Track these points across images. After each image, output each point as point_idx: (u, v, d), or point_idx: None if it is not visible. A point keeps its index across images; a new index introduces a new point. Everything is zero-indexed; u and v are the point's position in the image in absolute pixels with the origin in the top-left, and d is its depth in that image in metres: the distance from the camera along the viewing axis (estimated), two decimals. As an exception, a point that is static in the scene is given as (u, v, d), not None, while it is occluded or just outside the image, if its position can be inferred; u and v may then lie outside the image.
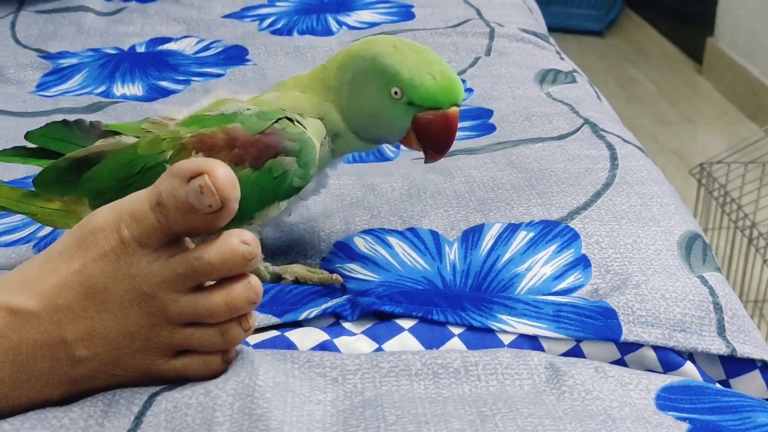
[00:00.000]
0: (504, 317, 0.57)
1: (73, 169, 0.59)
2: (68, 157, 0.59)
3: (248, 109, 0.59)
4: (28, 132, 0.62)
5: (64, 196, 0.60)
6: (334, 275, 0.61)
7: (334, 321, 0.58)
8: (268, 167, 0.57)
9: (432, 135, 0.57)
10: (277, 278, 0.62)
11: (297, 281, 0.61)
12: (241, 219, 0.57)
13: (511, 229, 0.66)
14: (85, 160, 0.59)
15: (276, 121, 0.58)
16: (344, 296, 0.59)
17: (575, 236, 0.65)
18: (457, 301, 0.58)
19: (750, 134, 2.24)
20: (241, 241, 0.48)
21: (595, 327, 0.57)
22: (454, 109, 0.56)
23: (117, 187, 0.58)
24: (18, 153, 0.63)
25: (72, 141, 0.62)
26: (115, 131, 0.61)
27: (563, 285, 0.61)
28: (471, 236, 0.65)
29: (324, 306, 0.58)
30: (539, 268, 0.62)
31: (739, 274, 1.62)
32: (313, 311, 0.57)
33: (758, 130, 2.28)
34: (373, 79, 0.57)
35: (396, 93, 0.56)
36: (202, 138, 0.58)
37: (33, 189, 0.61)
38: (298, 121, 0.58)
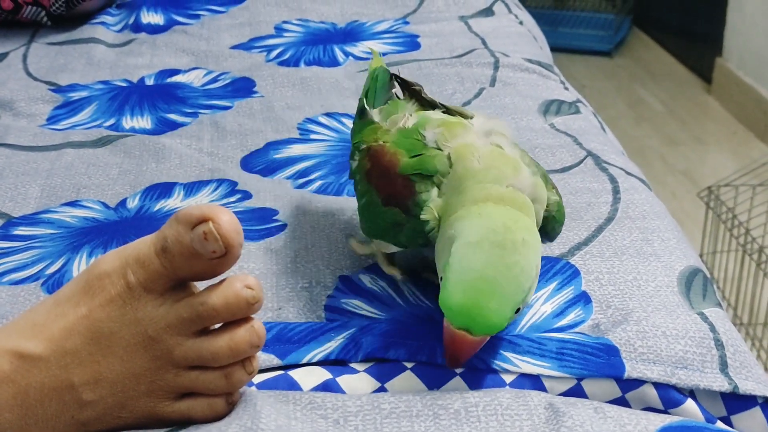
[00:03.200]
0: (508, 354, 0.58)
1: (360, 113, 0.68)
2: (360, 104, 0.69)
3: (433, 152, 0.58)
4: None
5: None
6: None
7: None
8: (387, 210, 0.59)
9: (445, 340, 0.53)
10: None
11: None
12: (367, 232, 0.62)
13: (513, 266, 0.66)
14: (363, 110, 0.68)
15: (419, 177, 0.57)
16: (347, 334, 0.60)
17: (576, 273, 0.66)
18: None
19: (759, 155, 2.25)
20: (244, 286, 0.49)
21: (598, 364, 0.58)
22: (463, 334, 0.51)
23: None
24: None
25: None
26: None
27: (564, 322, 0.61)
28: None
29: (327, 350, 0.58)
30: (540, 306, 0.63)
31: (748, 296, 1.62)
32: (316, 355, 0.58)
33: None
34: (447, 252, 0.53)
35: (440, 279, 0.53)
36: (378, 150, 0.61)
37: None
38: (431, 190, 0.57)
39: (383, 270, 0.65)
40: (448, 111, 0.65)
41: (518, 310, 0.52)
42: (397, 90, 0.71)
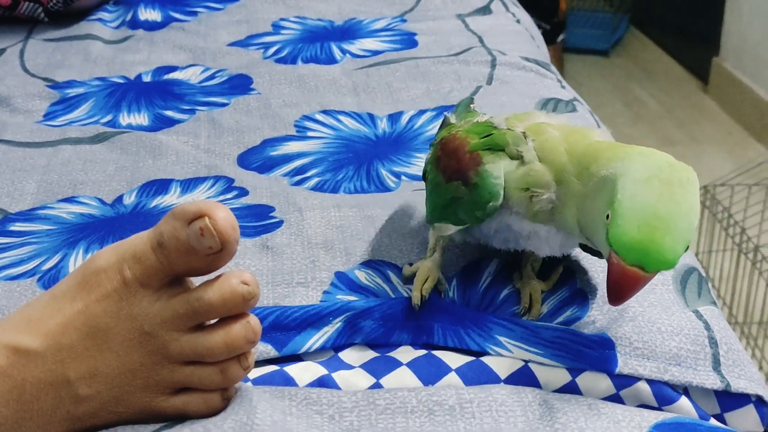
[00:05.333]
0: (502, 339, 0.58)
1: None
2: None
3: (500, 131, 0.59)
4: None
5: None
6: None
7: (332, 354, 0.59)
8: (448, 185, 0.59)
9: (612, 279, 0.51)
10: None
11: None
12: (430, 218, 0.62)
13: (509, 267, 0.67)
14: None
15: (489, 151, 0.58)
16: (344, 317, 0.60)
17: (571, 272, 0.66)
18: (458, 318, 0.59)
19: (755, 154, 2.25)
20: (240, 282, 0.49)
21: (590, 358, 0.58)
22: (636, 270, 0.50)
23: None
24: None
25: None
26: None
27: (560, 320, 0.62)
28: (469, 272, 0.66)
29: (325, 335, 0.58)
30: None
31: (743, 296, 1.62)
32: (314, 343, 0.58)
33: (764, 150, 2.29)
34: (605, 192, 0.52)
35: (607, 218, 0.51)
36: (448, 138, 0.62)
37: None
38: (503, 164, 0.57)
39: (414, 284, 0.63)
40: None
41: (687, 247, 0.52)
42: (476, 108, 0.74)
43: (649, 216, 0.50)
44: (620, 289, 0.51)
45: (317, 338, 0.59)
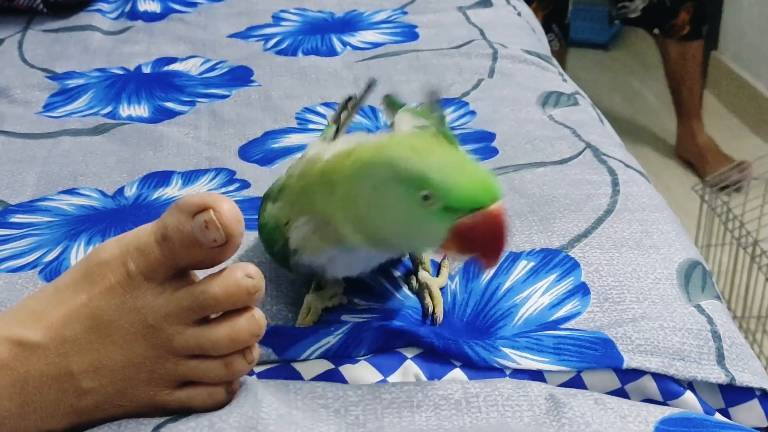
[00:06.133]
0: (507, 351, 0.58)
1: None
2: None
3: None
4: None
5: None
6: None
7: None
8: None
9: (480, 239, 0.49)
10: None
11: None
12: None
13: (512, 258, 0.66)
14: None
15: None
16: (345, 329, 0.59)
17: (575, 265, 0.66)
18: (460, 335, 0.58)
19: (754, 149, 2.25)
20: (245, 275, 0.49)
21: (596, 356, 0.58)
22: (498, 205, 0.49)
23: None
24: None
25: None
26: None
27: (560, 313, 0.61)
28: (472, 265, 0.66)
29: (326, 345, 0.58)
30: (538, 297, 0.63)
31: (742, 290, 1.62)
32: (314, 351, 0.58)
33: (762, 144, 2.29)
34: (398, 188, 0.50)
35: (427, 199, 0.49)
36: None
37: None
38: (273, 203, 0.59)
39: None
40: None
41: None
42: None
43: (454, 162, 0.50)
44: (501, 235, 0.50)
45: (319, 347, 0.58)
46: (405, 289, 0.64)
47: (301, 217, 0.56)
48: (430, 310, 0.61)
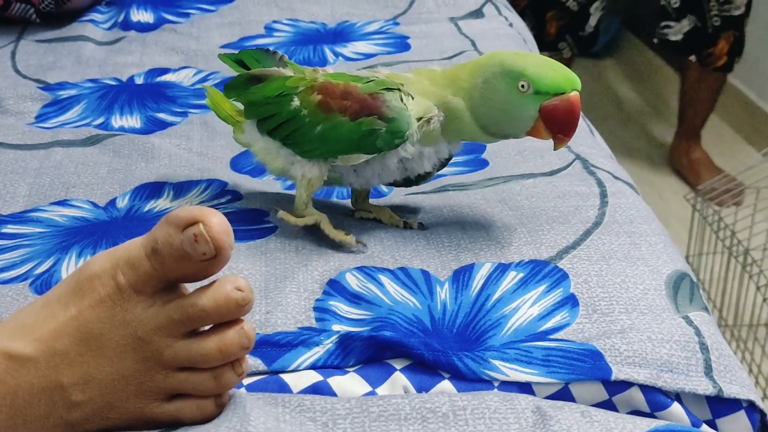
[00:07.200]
0: (496, 363, 0.58)
1: (248, 82, 0.74)
2: (248, 72, 0.74)
3: (377, 78, 0.69)
4: (242, 50, 0.78)
5: (238, 101, 0.75)
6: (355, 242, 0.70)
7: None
8: (360, 121, 0.67)
9: (559, 118, 0.65)
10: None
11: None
12: (328, 154, 0.69)
13: (501, 269, 0.67)
14: (256, 77, 0.73)
15: (387, 91, 0.68)
16: (334, 338, 0.60)
17: (564, 276, 0.66)
18: (450, 346, 0.59)
19: (746, 158, 2.26)
20: (234, 288, 0.49)
21: (584, 368, 0.58)
22: (575, 93, 0.65)
23: (262, 103, 0.72)
24: (229, 58, 0.79)
25: (263, 63, 0.77)
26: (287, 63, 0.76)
27: (549, 324, 0.62)
28: (461, 276, 0.66)
29: (315, 355, 0.58)
30: (527, 308, 0.63)
31: (733, 298, 1.63)
32: (304, 362, 0.58)
33: (755, 153, 2.30)
34: (503, 79, 0.65)
35: (523, 86, 0.65)
36: (326, 84, 0.69)
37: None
38: (404, 99, 0.68)
39: (330, 236, 0.70)
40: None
41: None
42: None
43: (545, 61, 0.66)
44: (575, 116, 0.65)
45: (307, 357, 0.59)
46: (394, 295, 0.64)
47: (432, 112, 0.68)
48: (401, 225, 0.73)
